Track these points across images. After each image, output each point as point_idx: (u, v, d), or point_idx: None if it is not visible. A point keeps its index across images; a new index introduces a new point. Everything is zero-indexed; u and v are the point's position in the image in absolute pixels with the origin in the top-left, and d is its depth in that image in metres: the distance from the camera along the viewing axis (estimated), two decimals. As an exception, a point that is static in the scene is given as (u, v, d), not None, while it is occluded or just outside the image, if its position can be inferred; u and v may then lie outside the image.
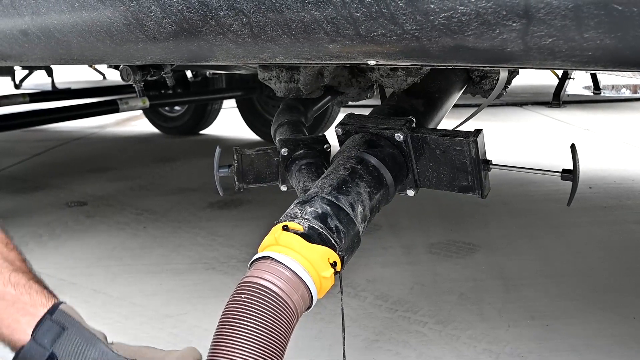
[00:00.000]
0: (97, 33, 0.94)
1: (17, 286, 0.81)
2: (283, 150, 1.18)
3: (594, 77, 6.62)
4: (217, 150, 1.19)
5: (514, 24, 0.61)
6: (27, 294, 0.81)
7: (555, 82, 6.03)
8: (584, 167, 1.07)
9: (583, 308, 1.68)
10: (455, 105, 1.47)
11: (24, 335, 0.78)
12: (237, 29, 0.78)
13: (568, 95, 6.15)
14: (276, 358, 0.78)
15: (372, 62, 0.81)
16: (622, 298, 1.73)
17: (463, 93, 1.51)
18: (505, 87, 1.52)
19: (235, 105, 4.54)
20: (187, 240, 2.33)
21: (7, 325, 0.79)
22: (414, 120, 1.12)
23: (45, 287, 0.85)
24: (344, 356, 0.97)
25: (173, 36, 0.86)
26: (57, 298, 0.84)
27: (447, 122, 1.33)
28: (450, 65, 0.97)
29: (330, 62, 0.88)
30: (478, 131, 1.05)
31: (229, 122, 4.95)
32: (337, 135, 1.15)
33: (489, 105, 1.72)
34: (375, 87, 1.59)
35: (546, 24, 0.59)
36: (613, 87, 7.43)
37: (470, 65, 0.80)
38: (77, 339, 0.79)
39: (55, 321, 0.79)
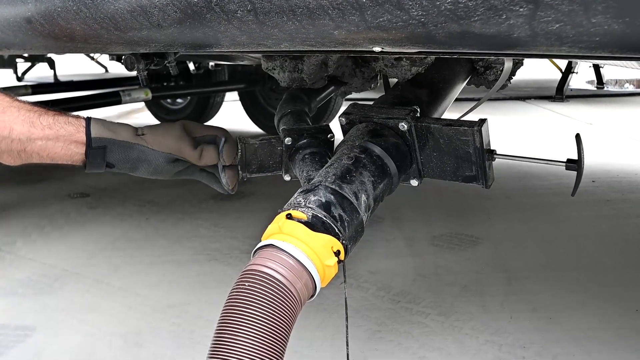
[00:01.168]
0: (101, 20, 0.94)
1: (51, 126, 1.03)
2: (287, 139, 1.17)
3: (597, 72, 6.58)
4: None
5: (521, 9, 0.60)
6: (61, 129, 1.03)
7: (558, 76, 6.01)
8: (587, 161, 1.06)
9: (585, 301, 1.68)
10: (458, 99, 1.46)
11: (80, 157, 1.06)
12: (242, 15, 0.78)
13: (571, 89, 6.13)
14: (279, 346, 0.77)
15: (377, 49, 0.80)
16: (624, 291, 1.73)
17: (467, 84, 1.51)
18: (510, 78, 1.51)
19: (237, 98, 4.53)
20: (190, 232, 2.33)
21: (63, 155, 1.06)
22: (418, 110, 1.12)
23: (65, 114, 1.06)
24: (347, 346, 0.98)
25: (177, 23, 0.86)
26: (80, 117, 1.06)
27: (450, 115, 1.33)
28: (456, 53, 0.97)
29: (335, 50, 0.88)
30: (482, 121, 1.04)
31: (231, 115, 4.95)
32: (341, 125, 1.14)
33: (491, 99, 1.72)
34: (379, 77, 1.58)
35: (553, 8, 0.59)
36: (616, 81, 7.41)
37: (476, 52, 0.79)
38: (117, 148, 1.06)
39: (96, 145, 1.05)
